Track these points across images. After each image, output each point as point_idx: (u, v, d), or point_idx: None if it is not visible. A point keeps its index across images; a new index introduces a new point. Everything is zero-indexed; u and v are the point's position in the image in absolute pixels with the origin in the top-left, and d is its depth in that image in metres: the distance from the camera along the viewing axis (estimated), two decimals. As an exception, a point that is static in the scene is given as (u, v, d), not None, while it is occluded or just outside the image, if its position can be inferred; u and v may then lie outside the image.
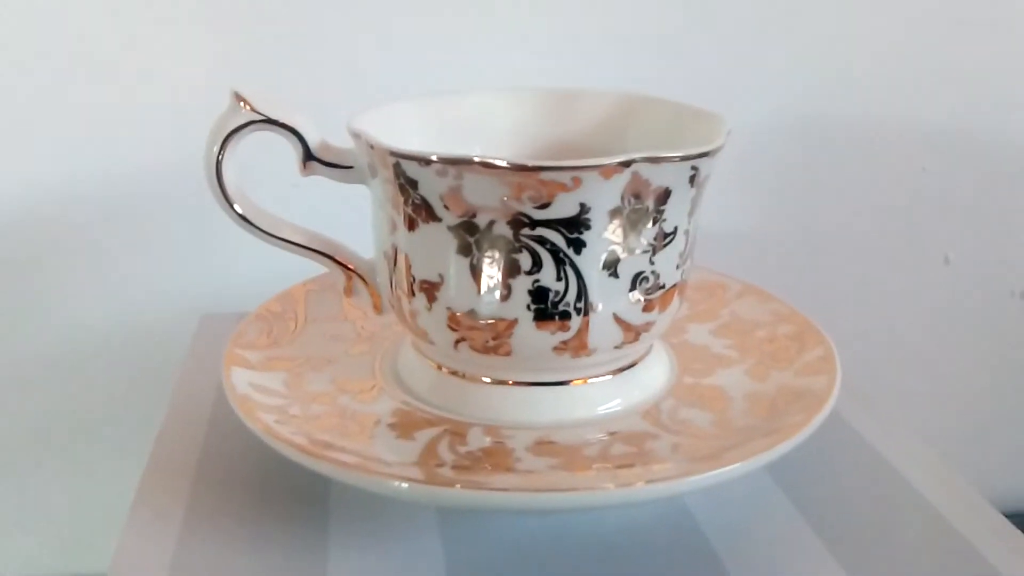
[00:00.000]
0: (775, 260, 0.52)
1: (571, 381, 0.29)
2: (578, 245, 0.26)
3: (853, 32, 0.48)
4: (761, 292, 0.36)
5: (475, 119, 0.33)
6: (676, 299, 0.29)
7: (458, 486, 0.25)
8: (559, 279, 0.26)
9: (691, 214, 0.28)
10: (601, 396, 0.29)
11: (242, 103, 0.28)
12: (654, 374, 0.31)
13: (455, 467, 0.26)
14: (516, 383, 0.29)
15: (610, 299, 0.27)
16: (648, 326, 0.28)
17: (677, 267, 0.28)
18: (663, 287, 0.28)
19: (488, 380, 0.29)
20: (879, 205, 0.52)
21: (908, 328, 0.54)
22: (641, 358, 0.30)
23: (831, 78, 0.49)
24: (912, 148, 0.51)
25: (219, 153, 0.28)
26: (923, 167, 0.51)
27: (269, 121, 0.28)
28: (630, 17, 0.46)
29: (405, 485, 0.24)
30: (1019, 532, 0.28)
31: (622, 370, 0.30)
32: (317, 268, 0.31)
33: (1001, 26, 0.50)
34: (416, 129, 0.31)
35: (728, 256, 0.47)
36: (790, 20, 0.48)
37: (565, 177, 0.25)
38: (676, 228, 0.28)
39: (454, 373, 0.30)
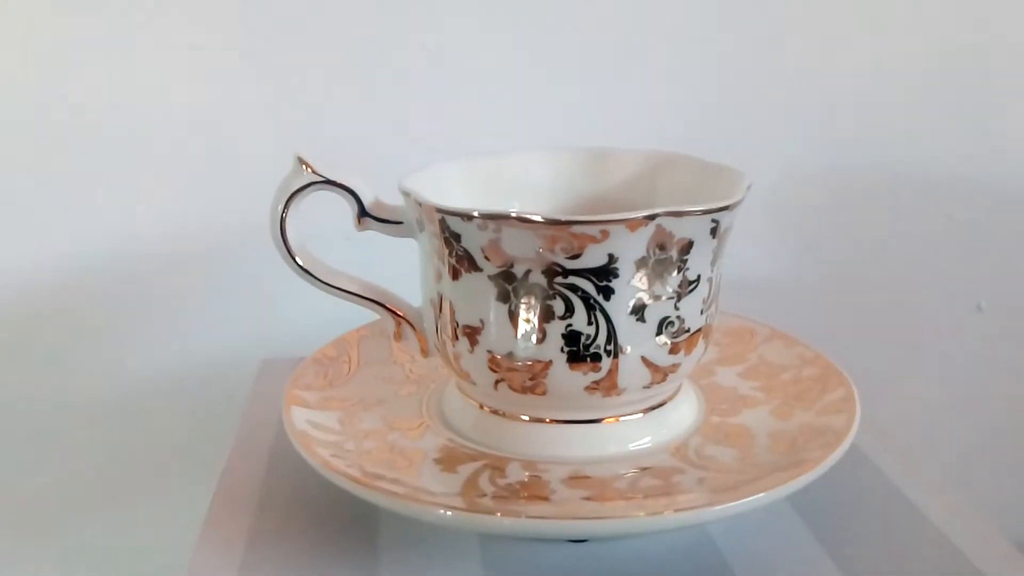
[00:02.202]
0: (808, 308, 0.53)
1: (604, 419, 0.31)
2: (607, 292, 0.28)
3: (880, 82, 0.50)
4: (787, 337, 0.38)
5: (515, 177, 0.35)
6: (701, 342, 0.31)
7: (498, 514, 0.27)
8: (590, 324, 0.29)
9: (714, 263, 0.30)
10: (632, 434, 0.31)
11: (304, 166, 0.31)
12: (683, 413, 0.33)
13: (495, 497, 0.28)
14: (552, 421, 0.31)
15: (638, 342, 0.29)
16: (675, 368, 0.30)
17: (701, 312, 0.30)
18: (688, 331, 0.30)
19: (526, 418, 0.31)
20: (911, 253, 0.53)
21: (941, 374, 0.55)
22: (670, 398, 0.32)
23: (860, 128, 0.51)
24: (940, 196, 0.53)
25: (283, 211, 0.31)
26: (949, 215, 0.52)
27: (329, 182, 0.31)
28: (661, 77, 0.49)
29: (449, 513, 0.27)
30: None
31: (652, 409, 0.32)
32: (369, 316, 0.34)
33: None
34: (461, 187, 0.34)
35: (762, 303, 0.49)
36: (818, 71, 0.50)
37: (594, 230, 0.27)
38: (699, 276, 0.30)
39: (495, 412, 0.32)
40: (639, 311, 0.29)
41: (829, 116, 0.51)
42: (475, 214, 0.28)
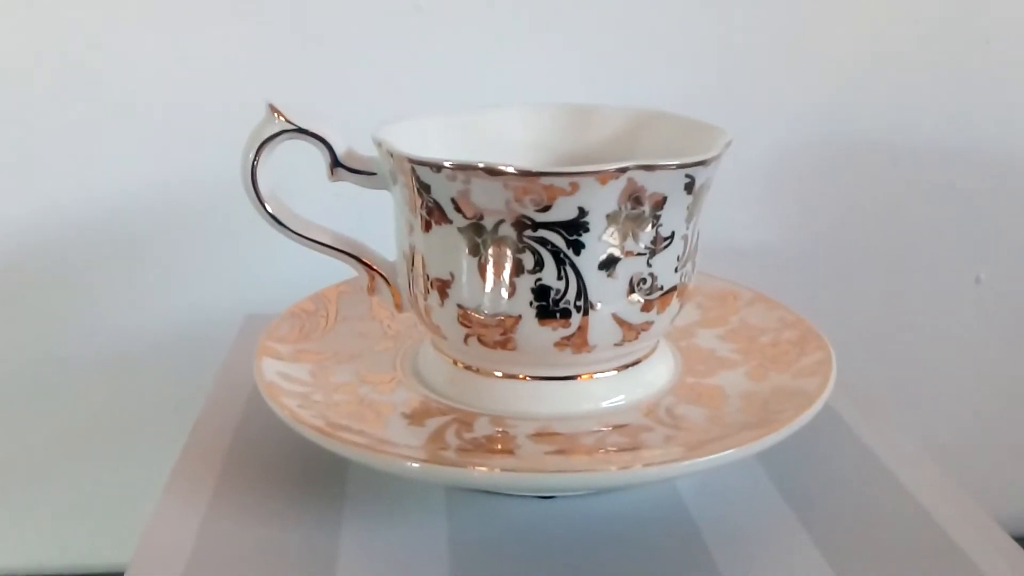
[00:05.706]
0: (803, 276, 0.53)
1: (578, 376, 0.31)
2: (577, 246, 0.28)
3: (881, 47, 0.49)
4: (770, 300, 0.37)
5: (496, 132, 0.35)
6: (675, 301, 0.31)
7: (465, 466, 0.26)
8: (559, 278, 0.28)
9: (689, 220, 0.30)
10: (605, 391, 0.31)
11: (276, 114, 0.30)
12: (658, 372, 0.32)
13: (459, 450, 0.28)
14: (526, 377, 0.31)
15: (609, 299, 0.29)
16: (647, 326, 0.30)
17: (675, 270, 0.30)
18: (662, 289, 0.30)
19: (499, 374, 0.31)
20: (909, 222, 0.53)
21: (936, 346, 0.55)
22: (646, 356, 0.32)
23: (860, 95, 0.50)
24: (942, 165, 0.52)
25: (254, 159, 0.30)
26: (950, 184, 0.52)
27: (300, 131, 0.30)
28: (657, 38, 0.48)
29: (416, 465, 0.26)
30: (1003, 532, 0.28)
31: (627, 367, 0.31)
32: (352, 273, 0.34)
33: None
34: (440, 141, 0.33)
35: (756, 270, 0.49)
36: (816, 36, 0.49)
37: (563, 182, 0.27)
38: (674, 233, 0.29)
39: (468, 368, 0.32)
40: (610, 266, 0.28)
41: (829, 82, 0.50)
42: (445, 164, 0.28)
